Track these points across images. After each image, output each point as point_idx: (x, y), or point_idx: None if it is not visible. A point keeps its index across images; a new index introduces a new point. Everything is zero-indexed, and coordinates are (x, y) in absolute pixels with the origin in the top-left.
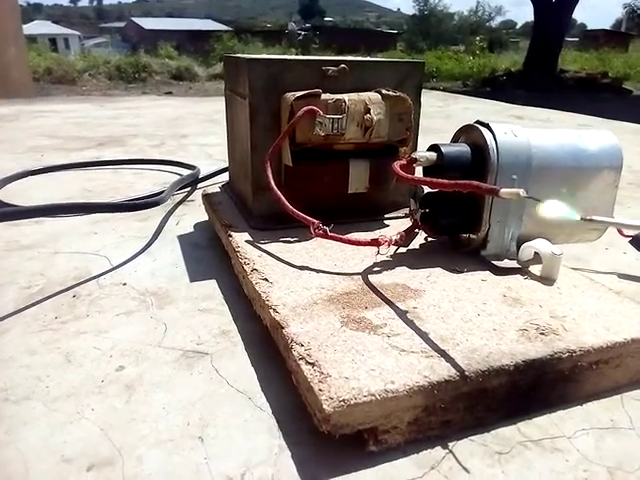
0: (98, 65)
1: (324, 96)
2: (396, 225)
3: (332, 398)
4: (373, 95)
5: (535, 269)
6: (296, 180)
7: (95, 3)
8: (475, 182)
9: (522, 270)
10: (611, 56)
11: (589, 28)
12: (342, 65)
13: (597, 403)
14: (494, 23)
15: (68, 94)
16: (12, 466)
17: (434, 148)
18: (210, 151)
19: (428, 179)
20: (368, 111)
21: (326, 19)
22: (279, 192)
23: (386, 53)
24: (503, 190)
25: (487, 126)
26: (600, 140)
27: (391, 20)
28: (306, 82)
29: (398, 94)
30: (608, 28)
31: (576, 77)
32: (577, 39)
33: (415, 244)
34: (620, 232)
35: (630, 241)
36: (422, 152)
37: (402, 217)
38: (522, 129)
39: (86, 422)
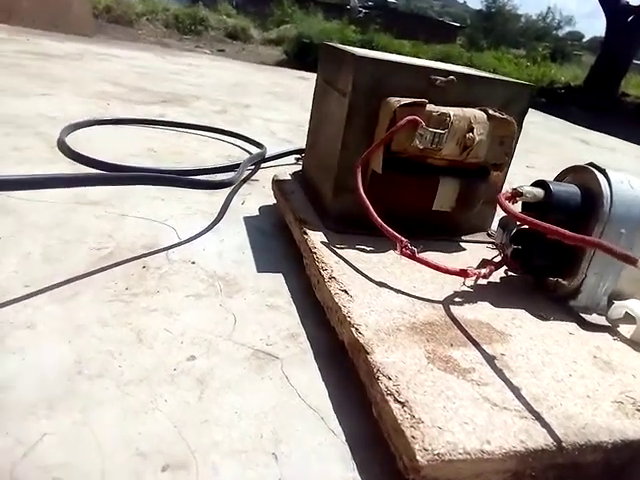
0: (157, 11)
1: (429, 107)
2: (473, 249)
3: (426, 450)
4: (478, 113)
5: (623, 330)
6: (381, 187)
7: None
8: (607, 244)
9: (611, 329)
10: None
11: None
12: (451, 77)
13: None
14: (561, 32)
15: (125, 35)
16: (88, 452)
17: (541, 184)
18: (273, 127)
19: (547, 225)
20: (471, 130)
21: (390, 0)
22: (367, 201)
23: (445, 46)
24: None
25: (603, 172)
26: None
27: (455, 12)
28: (411, 89)
29: (504, 116)
30: None
31: (637, 103)
32: None
33: (495, 277)
34: None
35: None
36: (528, 187)
37: (479, 242)
38: (638, 180)
39: (159, 415)
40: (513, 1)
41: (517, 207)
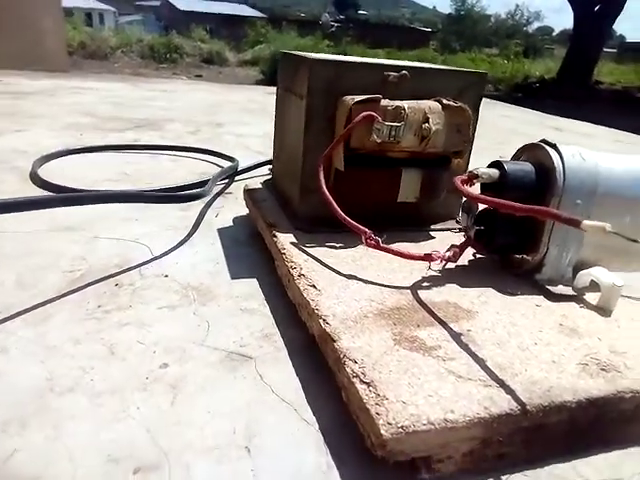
0: (131, 43)
1: (383, 102)
2: (442, 237)
3: (390, 424)
4: (433, 104)
5: (590, 297)
6: (345, 185)
7: None
8: (553, 210)
9: (577, 298)
10: None
11: (628, 40)
12: (404, 71)
13: None
14: (531, 28)
15: (101, 69)
16: (60, 463)
17: (496, 165)
18: (247, 142)
19: (498, 200)
20: (427, 120)
21: (360, 12)
22: (330, 197)
23: (418, 51)
24: (586, 222)
25: (554, 147)
26: None
27: (426, 17)
28: (366, 86)
29: (459, 104)
30: None
31: (611, 89)
32: (615, 50)
33: (463, 260)
34: None
35: None
36: (484, 168)
37: (448, 229)
38: (590, 152)
39: (132, 422)
40: (481, 2)
41: (477, 190)
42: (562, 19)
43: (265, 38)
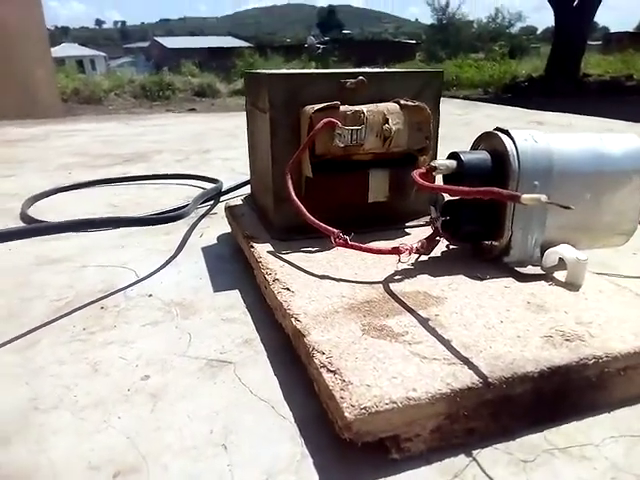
0: (123, 84)
1: (343, 108)
2: (417, 233)
3: (353, 406)
4: (391, 105)
5: (560, 275)
6: (316, 191)
7: (119, 25)
8: (495, 189)
9: (546, 276)
10: (636, 58)
11: (612, 31)
12: (360, 77)
13: (626, 410)
14: (514, 29)
15: (96, 113)
16: (42, 474)
17: (454, 156)
18: (233, 165)
19: (448, 187)
20: (387, 121)
21: (344, 32)
22: (299, 203)
23: (405, 63)
24: (524, 196)
25: (507, 133)
26: (624, 143)
27: (409, 30)
28: (325, 95)
29: (416, 104)
30: (632, 30)
31: (599, 81)
32: (599, 42)
33: (437, 252)
34: None
35: None
36: (442, 160)
37: (423, 225)
38: (542, 135)
39: (113, 431)
40: (462, 9)
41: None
42: (543, 17)
43: (253, 66)
